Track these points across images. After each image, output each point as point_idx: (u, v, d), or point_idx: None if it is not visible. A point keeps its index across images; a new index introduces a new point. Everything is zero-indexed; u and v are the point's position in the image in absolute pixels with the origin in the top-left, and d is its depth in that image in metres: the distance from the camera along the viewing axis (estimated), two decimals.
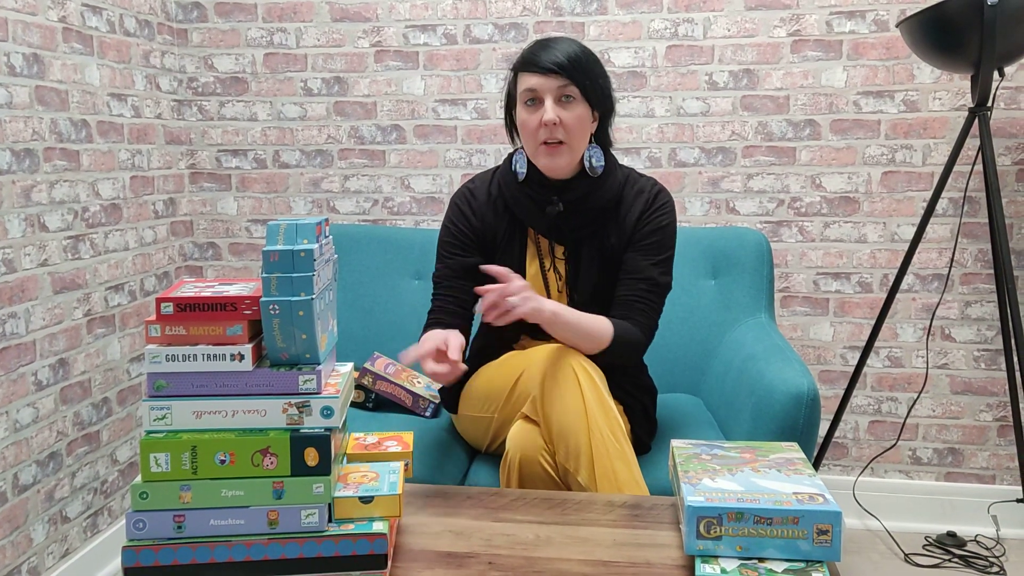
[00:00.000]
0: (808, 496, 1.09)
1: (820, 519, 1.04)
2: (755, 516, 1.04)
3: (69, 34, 2.01)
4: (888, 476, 2.40)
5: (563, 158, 1.56)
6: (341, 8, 2.44)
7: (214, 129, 2.53)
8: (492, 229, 1.67)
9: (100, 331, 2.13)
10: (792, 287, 2.38)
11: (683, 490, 1.11)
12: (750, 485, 1.12)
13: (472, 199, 1.69)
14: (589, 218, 1.63)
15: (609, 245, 1.64)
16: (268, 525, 1.05)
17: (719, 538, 1.05)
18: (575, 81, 1.53)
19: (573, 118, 1.54)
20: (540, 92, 1.53)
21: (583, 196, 1.61)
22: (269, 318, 1.05)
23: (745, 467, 1.19)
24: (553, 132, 1.54)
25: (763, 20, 2.30)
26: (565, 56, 1.52)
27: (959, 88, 2.25)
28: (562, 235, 1.64)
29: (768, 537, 1.05)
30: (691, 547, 1.06)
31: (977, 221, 2.29)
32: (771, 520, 1.04)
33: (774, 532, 1.05)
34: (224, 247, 2.58)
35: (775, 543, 1.05)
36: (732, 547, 1.05)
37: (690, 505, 1.05)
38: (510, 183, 1.65)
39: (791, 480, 1.15)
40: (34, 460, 1.90)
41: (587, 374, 1.46)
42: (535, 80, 1.53)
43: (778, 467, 1.20)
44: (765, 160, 2.34)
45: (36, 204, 1.90)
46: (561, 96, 1.53)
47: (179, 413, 1.06)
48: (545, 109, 1.52)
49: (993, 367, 2.32)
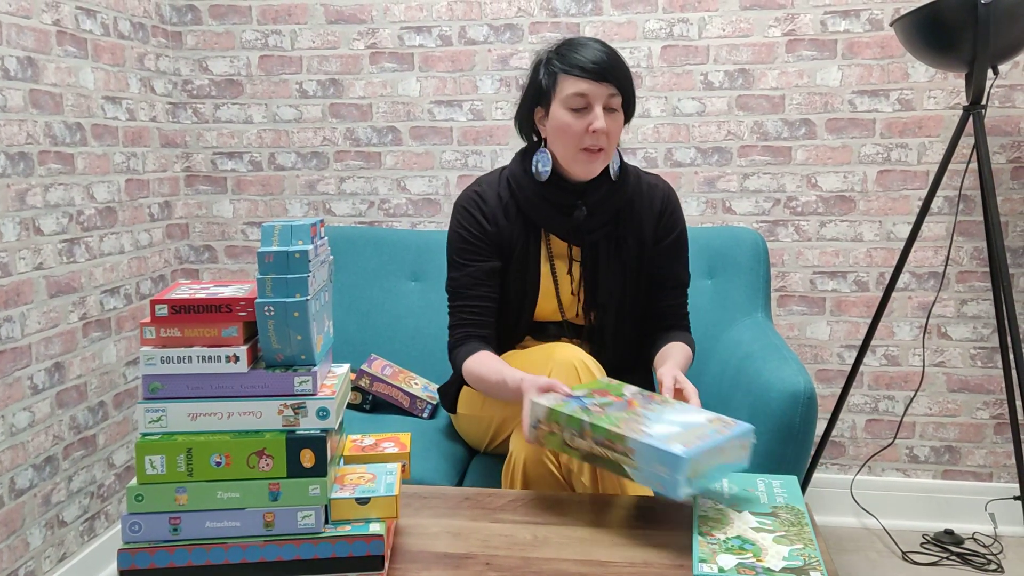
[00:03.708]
0: (719, 420, 1.22)
1: (745, 435, 1.20)
2: (719, 449, 1.15)
3: (63, 37, 2.01)
4: (885, 474, 2.40)
5: (600, 164, 1.56)
6: (336, 10, 2.44)
7: (209, 132, 2.53)
8: (506, 233, 1.64)
9: (96, 335, 2.13)
10: (788, 286, 2.38)
11: (644, 442, 1.13)
12: (683, 424, 1.19)
13: (482, 203, 1.64)
14: (606, 219, 1.63)
15: (626, 245, 1.65)
16: (264, 527, 1.05)
17: (698, 476, 1.12)
18: (622, 90, 1.53)
19: (616, 127, 1.55)
20: (591, 99, 1.51)
21: (604, 198, 1.61)
22: (264, 320, 1.05)
23: (642, 410, 1.25)
24: (598, 140, 1.52)
25: (758, 20, 2.30)
26: (613, 64, 1.51)
27: (953, 87, 2.26)
28: (579, 236, 1.63)
29: (721, 463, 1.16)
30: (681, 493, 1.10)
31: (972, 219, 2.30)
32: (723, 450, 1.16)
33: (724, 458, 1.17)
34: (220, 250, 2.58)
35: (725, 467, 1.18)
36: (702, 484, 1.14)
37: (681, 456, 1.09)
38: (526, 185, 1.62)
39: (686, 411, 1.26)
40: (30, 464, 1.89)
41: (589, 373, 1.45)
42: (586, 86, 1.50)
43: (659, 403, 1.29)
44: (761, 160, 2.34)
45: (31, 207, 1.89)
46: (608, 104, 1.52)
47: (174, 415, 1.06)
48: (596, 116, 1.50)
49: (989, 365, 2.32)
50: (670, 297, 1.71)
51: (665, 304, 1.71)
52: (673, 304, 1.71)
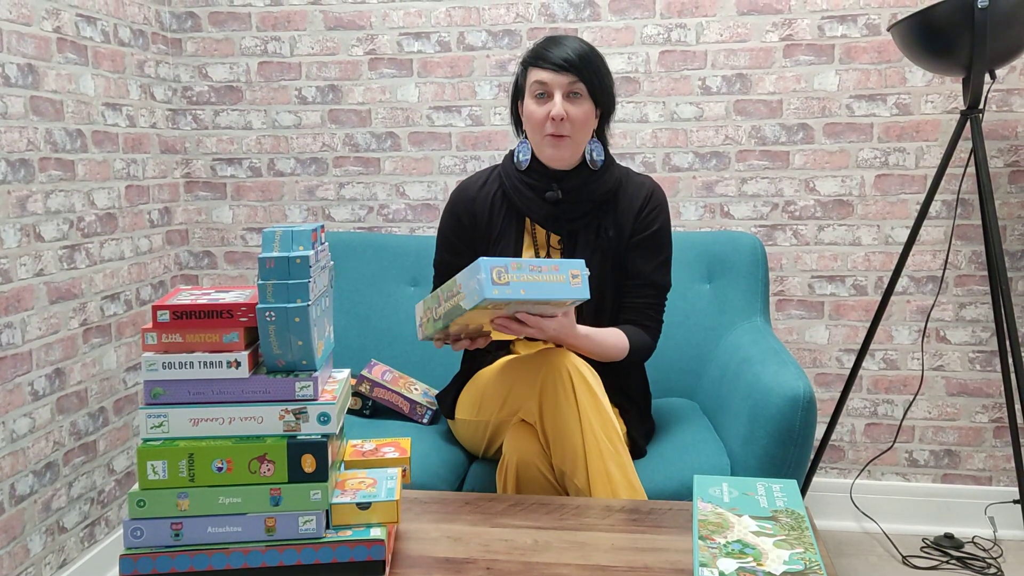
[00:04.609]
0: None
1: (572, 266, 1.34)
2: (530, 266, 1.30)
3: (63, 44, 2.01)
4: (885, 478, 2.41)
5: (566, 150, 1.62)
6: (335, 16, 2.45)
7: (209, 138, 2.54)
8: (490, 219, 1.72)
9: (96, 341, 2.13)
10: (787, 290, 2.39)
11: (461, 270, 1.35)
12: None
13: (466, 195, 1.75)
14: (586, 209, 1.67)
15: (607, 238, 1.68)
16: (266, 532, 1.05)
17: (507, 284, 1.27)
18: (583, 79, 1.58)
19: (579, 113, 1.60)
20: (550, 87, 1.59)
21: (581, 185, 1.66)
22: (265, 325, 1.05)
23: None
24: (559, 127, 1.59)
25: (755, 25, 2.31)
26: (575, 54, 1.58)
27: (951, 91, 2.27)
28: (558, 225, 1.67)
29: (540, 281, 1.30)
30: (488, 292, 1.25)
31: (970, 223, 2.30)
32: (541, 268, 1.31)
33: (544, 278, 1.31)
34: (220, 256, 2.58)
35: (546, 286, 1.31)
36: (517, 291, 1.28)
37: (482, 260, 1.27)
38: (511, 173, 1.70)
39: None
40: (31, 470, 1.89)
41: (582, 377, 1.46)
42: (546, 75, 1.59)
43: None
44: (759, 164, 2.35)
45: (31, 214, 1.90)
46: (569, 92, 1.59)
47: (176, 421, 1.06)
48: (554, 103, 1.58)
49: (988, 368, 2.33)
50: (637, 294, 1.69)
51: (630, 300, 1.69)
52: (638, 302, 1.69)
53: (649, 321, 1.69)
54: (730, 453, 1.67)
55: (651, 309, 1.70)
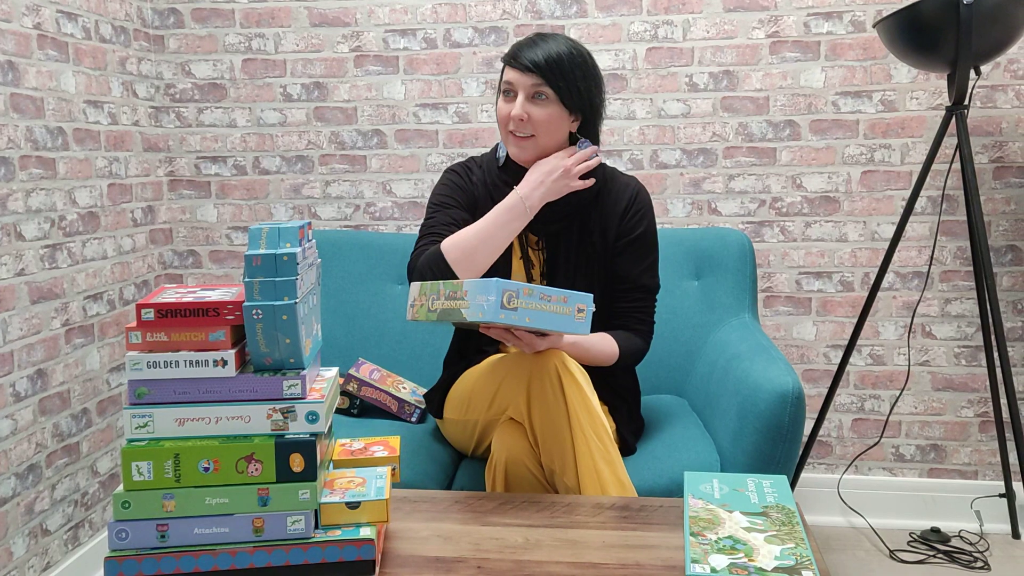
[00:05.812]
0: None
1: (581, 300, 1.34)
2: (540, 294, 1.30)
3: (44, 41, 1.99)
4: (872, 473, 2.42)
5: (528, 151, 1.61)
6: (320, 13, 2.43)
7: (192, 136, 2.51)
8: (481, 204, 1.70)
9: (78, 341, 2.11)
10: (775, 287, 2.39)
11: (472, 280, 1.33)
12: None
13: (470, 172, 1.73)
14: (566, 210, 1.65)
15: (590, 241, 1.67)
16: (253, 533, 1.04)
17: (515, 309, 1.27)
18: (548, 82, 1.57)
19: (542, 115, 1.58)
20: (515, 87, 1.59)
21: None
22: (252, 323, 1.04)
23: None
24: (520, 127, 1.59)
25: (741, 22, 2.31)
26: (545, 57, 1.56)
27: (936, 87, 2.28)
28: (536, 225, 1.66)
29: (547, 312, 1.30)
30: (494, 316, 1.25)
31: (955, 219, 2.31)
32: (550, 298, 1.31)
33: (551, 308, 1.31)
34: (204, 255, 2.56)
35: (551, 317, 1.31)
36: (523, 318, 1.28)
37: (495, 281, 1.26)
38: (491, 169, 1.70)
39: None
40: (13, 473, 1.87)
41: (570, 375, 1.45)
42: (513, 75, 1.59)
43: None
44: (746, 161, 2.35)
45: (12, 213, 1.87)
46: (534, 94, 1.58)
47: (161, 420, 1.05)
48: (516, 104, 1.58)
49: (974, 363, 2.34)
50: (627, 299, 1.69)
51: (621, 305, 1.69)
52: (629, 307, 1.69)
53: (640, 325, 1.68)
54: (719, 449, 1.67)
55: (641, 312, 1.69)
